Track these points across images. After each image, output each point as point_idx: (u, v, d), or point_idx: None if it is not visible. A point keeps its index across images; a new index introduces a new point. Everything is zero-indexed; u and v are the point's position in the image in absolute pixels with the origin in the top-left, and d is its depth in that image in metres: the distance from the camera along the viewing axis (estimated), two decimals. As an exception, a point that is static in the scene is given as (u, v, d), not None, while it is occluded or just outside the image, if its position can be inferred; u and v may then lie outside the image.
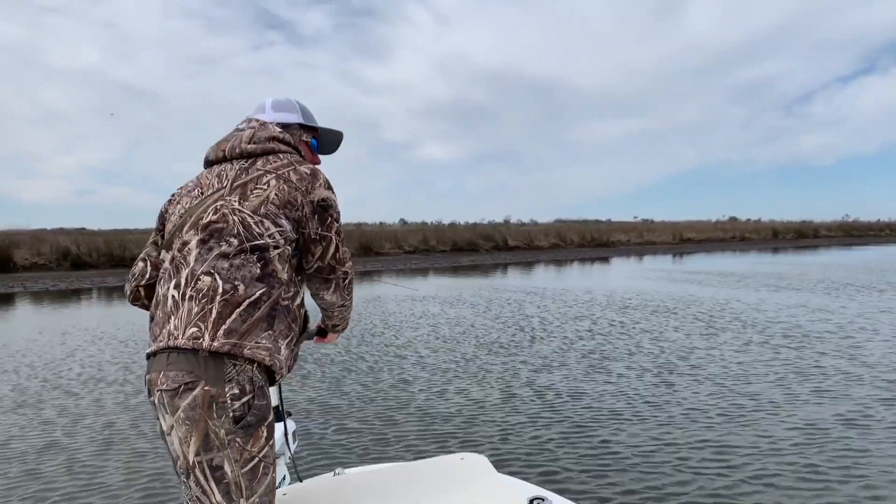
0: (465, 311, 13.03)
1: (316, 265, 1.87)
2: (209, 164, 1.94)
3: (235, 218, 1.71)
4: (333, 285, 1.94)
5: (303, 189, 1.78)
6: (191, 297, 1.62)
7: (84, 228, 36.31)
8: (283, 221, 1.74)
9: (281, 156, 1.87)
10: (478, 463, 2.15)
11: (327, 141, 2.24)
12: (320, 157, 2.25)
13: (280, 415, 2.60)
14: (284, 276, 1.73)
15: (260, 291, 1.65)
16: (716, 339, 9.35)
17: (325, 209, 1.83)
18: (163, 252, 1.81)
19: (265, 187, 1.75)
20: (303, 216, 1.78)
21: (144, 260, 1.89)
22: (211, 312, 1.59)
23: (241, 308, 1.61)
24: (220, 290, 1.61)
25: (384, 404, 6.21)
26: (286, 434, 2.47)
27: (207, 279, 1.63)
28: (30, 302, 16.80)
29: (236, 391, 1.56)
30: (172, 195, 1.92)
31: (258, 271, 1.66)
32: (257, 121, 1.98)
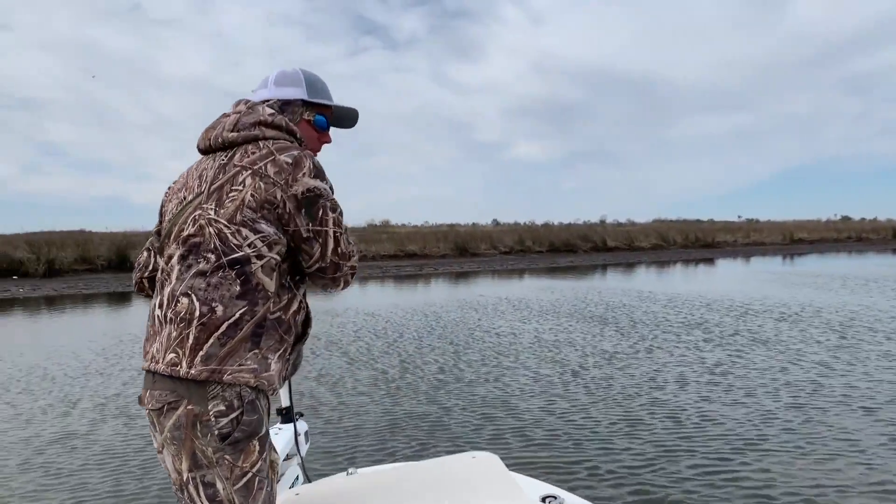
0: (581, 324, 12.71)
1: (317, 265, 1.69)
2: (201, 152, 1.80)
3: (212, 230, 1.57)
4: (342, 283, 1.75)
5: (282, 183, 1.59)
6: (170, 320, 1.55)
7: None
8: (264, 226, 1.58)
9: (262, 144, 1.66)
10: (489, 461, 2.17)
11: (341, 116, 1.97)
12: (333, 132, 1.99)
13: (290, 416, 2.63)
14: (272, 287, 1.59)
15: (241, 311, 1.53)
16: (855, 352, 8.66)
17: (313, 201, 1.62)
18: (157, 256, 1.76)
19: (240, 188, 1.59)
20: (286, 214, 1.60)
21: (148, 250, 1.84)
22: (188, 338, 1.52)
23: (220, 331, 1.51)
24: (198, 312, 1.52)
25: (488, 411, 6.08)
26: (296, 435, 2.50)
27: (185, 301, 1.54)
28: (145, 300, 17.71)
29: (221, 408, 1.50)
30: (168, 187, 1.83)
31: (238, 289, 1.54)
32: (246, 102, 1.79)
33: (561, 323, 11.72)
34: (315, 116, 1.88)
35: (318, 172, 1.65)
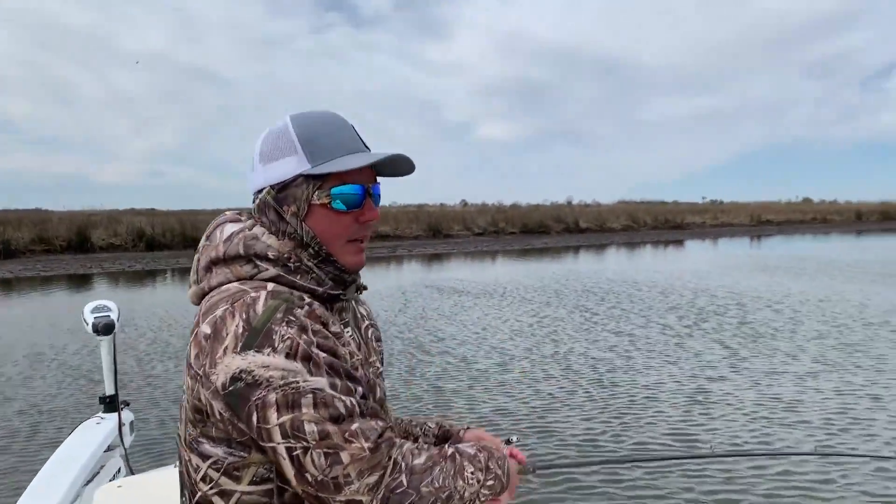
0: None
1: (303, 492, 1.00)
2: None
3: (185, 456, 1.07)
4: None
5: (201, 374, 0.97)
6: None
7: (154, 209, 37.23)
8: (207, 447, 1.01)
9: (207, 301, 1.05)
10: None
11: (391, 164, 1.16)
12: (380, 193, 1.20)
13: (115, 405, 2.57)
14: None
15: None
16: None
17: (240, 399, 0.94)
18: None
19: (184, 390, 1.06)
20: (223, 423, 0.99)
21: None
22: None
23: None
24: None
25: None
26: (120, 425, 2.43)
27: None
28: (107, 282, 17.06)
29: None
30: None
31: None
32: (216, 220, 1.16)
33: (544, 311, 11.46)
34: (332, 192, 1.08)
35: (252, 338, 0.93)
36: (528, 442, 4.96)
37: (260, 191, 1.11)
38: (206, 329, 0.97)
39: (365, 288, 1.25)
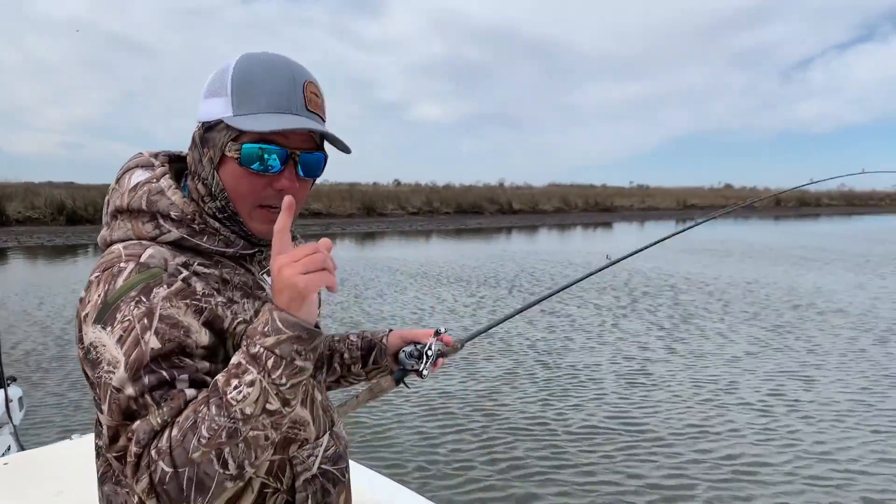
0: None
1: None
2: None
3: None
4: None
5: (77, 333, 0.94)
6: None
7: (73, 182, 35.18)
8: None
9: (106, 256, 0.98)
10: None
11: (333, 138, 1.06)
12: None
13: (1, 380, 2.53)
14: None
15: None
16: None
17: (88, 371, 0.92)
18: None
19: None
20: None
21: None
22: None
23: None
24: None
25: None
26: (7, 401, 2.43)
27: None
28: (24, 257, 16.06)
29: None
30: None
31: (136, 499, 0.97)
32: (130, 161, 1.08)
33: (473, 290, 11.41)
34: (243, 147, 0.96)
35: (102, 312, 0.89)
36: (477, 418, 4.86)
37: (198, 124, 1.02)
38: (82, 291, 0.94)
39: (297, 237, 1.19)
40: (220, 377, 0.85)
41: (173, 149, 1.13)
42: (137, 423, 0.84)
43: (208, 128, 0.99)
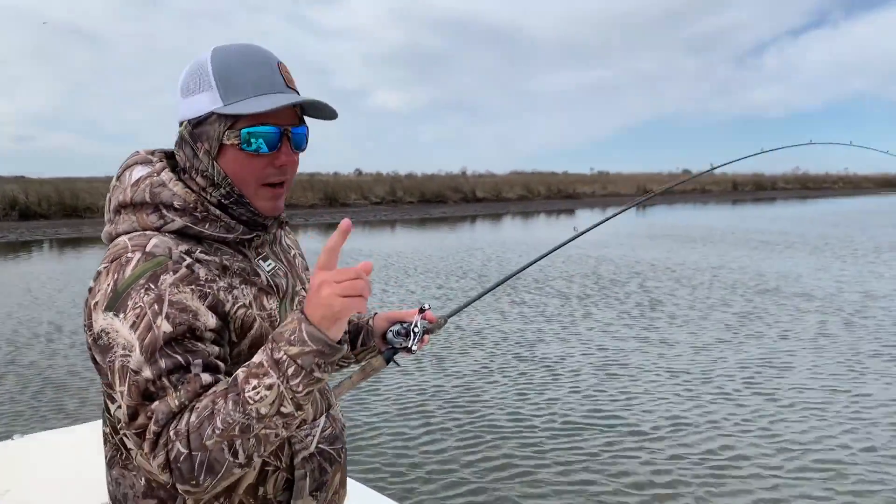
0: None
1: None
2: None
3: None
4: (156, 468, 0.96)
5: (87, 324, 0.99)
6: None
7: (24, 177, 34.00)
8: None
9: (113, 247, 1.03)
10: None
11: (313, 107, 1.13)
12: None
13: None
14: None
15: None
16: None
17: (98, 357, 0.97)
18: None
19: None
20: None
21: None
22: None
23: None
24: None
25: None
26: None
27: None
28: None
29: None
30: None
31: (143, 482, 1.04)
32: (129, 159, 1.12)
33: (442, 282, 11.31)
34: (242, 133, 1.02)
35: (113, 300, 0.94)
36: (455, 408, 4.75)
37: (181, 125, 1.08)
38: (90, 281, 1.00)
39: (287, 222, 1.28)
40: (240, 372, 0.92)
41: (143, 146, 1.16)
42: (156, 403, 0.92)
43: (197, 123, 1.04)
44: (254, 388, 0.89)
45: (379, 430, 4.66)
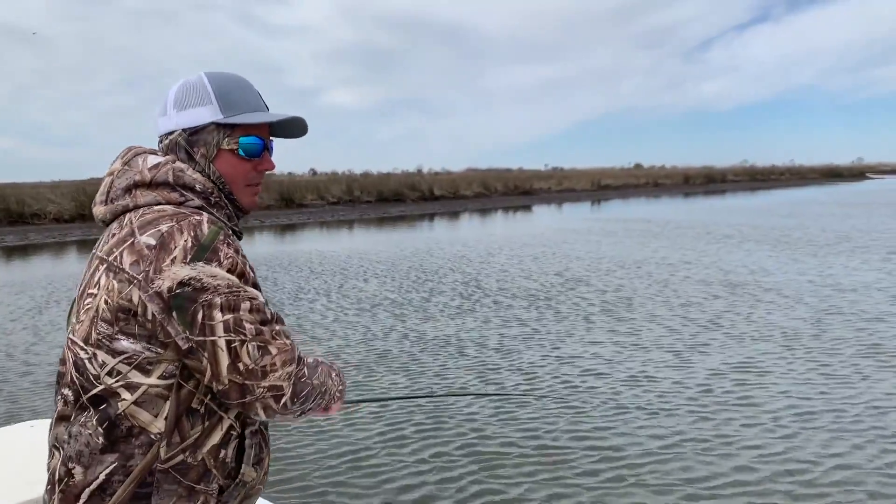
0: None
1: (217, 388, 1.17)
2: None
3: (70, 355, 1.20)
4: (263, 410, 1.19)
5: (140, 279, 1.10)
6: (48, 482, 1.23)
7: (-37, 182, 32.77)
8: (125, 343, 1.13)
9: (127, 218, 1.19)
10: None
11: (283, 126, 1.38)
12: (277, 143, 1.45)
13: None
14: (160, 425, 1.16)
15: (108, 470, 1.14)
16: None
17: (187, 300, 1.10)
18: None
19: (95, 292, 1.17)
20: (153, 323, 1.12)
21: None
22: None
23: (81, 502, 1.16)
24: (57, 475, 1.18)
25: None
26: None
27: (54, 457, 1.21)
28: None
29: None
30: None
31: (101, 439, 1.14)
32: (130, 150, 1.29)
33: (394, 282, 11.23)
34: (240, 140, 1.30)
35: (201, 252, 1.12)
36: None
37: (170, 133, 1.29)
38: (148, 240, 1.12)
39: (241, 235, 1.43)
40: (333, 367, 1.40)
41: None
42: (279, 326, 1.20)
43: (193, 132, 1.27)
44: (335, 375, 1.38)
45: (344, 459, 4.58)
